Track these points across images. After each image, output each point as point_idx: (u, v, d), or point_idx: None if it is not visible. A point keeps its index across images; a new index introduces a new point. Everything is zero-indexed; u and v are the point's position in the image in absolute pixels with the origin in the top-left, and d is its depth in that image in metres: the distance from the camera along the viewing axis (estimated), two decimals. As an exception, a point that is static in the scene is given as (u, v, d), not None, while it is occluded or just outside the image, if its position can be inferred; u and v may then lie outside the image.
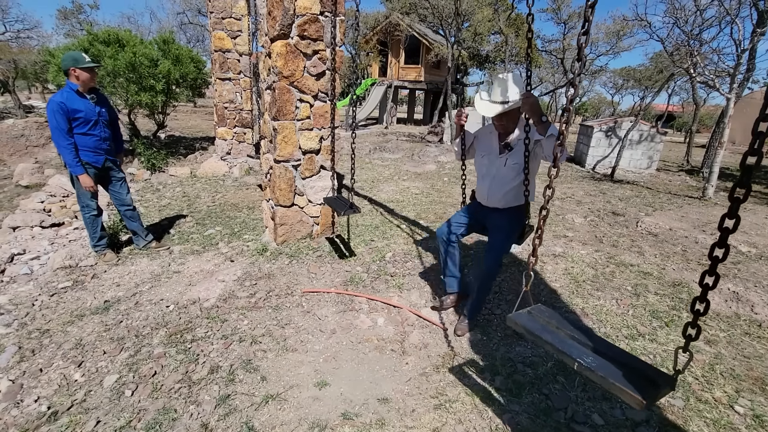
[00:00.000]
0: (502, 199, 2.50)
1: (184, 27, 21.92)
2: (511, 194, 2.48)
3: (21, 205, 5.15)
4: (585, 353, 1.33)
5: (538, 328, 1.46)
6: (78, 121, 3.21)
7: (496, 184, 2.50)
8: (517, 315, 1.55)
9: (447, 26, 12.81)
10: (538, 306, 1.62)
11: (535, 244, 1.57)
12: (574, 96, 1.44)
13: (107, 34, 6.41)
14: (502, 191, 2.49)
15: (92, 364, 2.31)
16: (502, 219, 2.53)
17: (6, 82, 14.26)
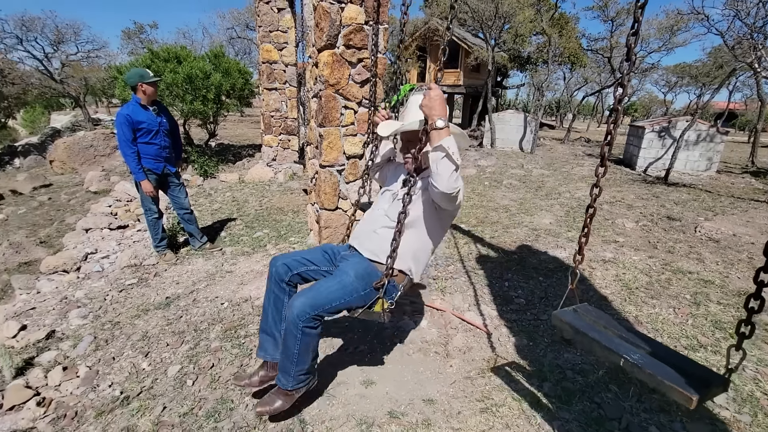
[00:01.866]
0: (369, 242, 1.87)
1: (233, 41, 23.14)
2: (380, 239, 1.82)
3: (92, 209, 5.65)
4: (632, 350, 1.30)
5: (583, 326, 1.44)
6: (141, 132, 3.50)
7: (373, 221, 1.92)
8: (562, 312, 1.54)
9: (487, 29, 12.67)
10: (584, 305, 1.59)
11: (581, 242, 1.55)
12: (623, 96, 1.40)
13: (166, 52, 6.93)
14: (373, 229, 1.87)
15: (157, 354, 2.51)
16: (353, 266, 1.79)
17: (78, 97, 15.69)
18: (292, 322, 1.65)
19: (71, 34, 16.49)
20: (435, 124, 1.55)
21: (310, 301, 1.65)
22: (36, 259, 4.41)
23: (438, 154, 1.52)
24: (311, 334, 1.69)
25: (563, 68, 20.29)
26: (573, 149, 12.41)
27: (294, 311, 1.64)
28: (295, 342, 1.68)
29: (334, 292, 1.69)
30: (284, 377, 1.78)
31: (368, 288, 1.74)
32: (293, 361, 1.72)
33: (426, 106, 1.60)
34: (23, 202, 7.53)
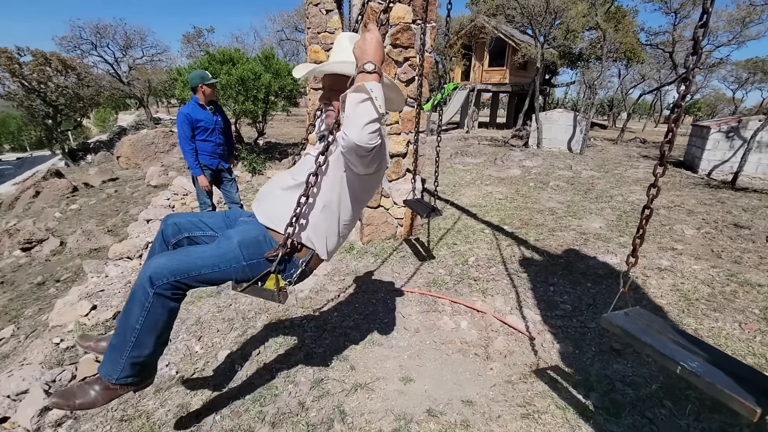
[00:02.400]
0: (264, 203, 1.56)
1: (282, 43, 24.00)
2: (279, 200, 1.51)
3: (152, 201, 6.09)
4: (690, 358, 1.23)
5: (636, 329, 1.37)
6: (199, 129, 3.73)
7: (276, 180, 1.61)
8: (613, 315, 1.47)
9: (536, 25, 12.25)
10: (636, 308, 1.52)
11: (635, 243, 1.48)
12: (686, 92, 1.31)
13: (222, 54, 7.32)
14: (273, 191, 1.56)
15: (209, 339, 2.66)
16: (240, 232, 1.48)
17: (142, 98, 16.94)
18: (141, 285, 1.32)
19: (138, 40, 17.84)
20: (364, 66, 1.24)
21: (173, 264, 1.34)
22: (104, 245, 4.83)
23: (358, 96, 1.20)
24: (165, 305, 1.35)
25: (618, 65, 19.16)
26: (627, 150, 11.71)
27: (148, 271, 1.32)
28: (140, 311, 1.32)
29: (208, 258, 1.39)
30: (111, 362, 1.38)
31: (255, 258, 1.43)
32: (130, 340, 1.34)
33: (359, 48, 1.27)
34: (94, 194, 8.25)
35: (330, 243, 1.56)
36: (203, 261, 1.37)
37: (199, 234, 1.62)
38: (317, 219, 1.49)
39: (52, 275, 4.52)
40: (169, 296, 1.35)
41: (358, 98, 1.20)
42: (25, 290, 4.36)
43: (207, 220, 1.65)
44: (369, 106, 1.20)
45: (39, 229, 5.82)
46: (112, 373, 1.37)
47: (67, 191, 8.49)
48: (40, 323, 3.38)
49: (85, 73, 15.49)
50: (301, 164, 1.57)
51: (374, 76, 1.24)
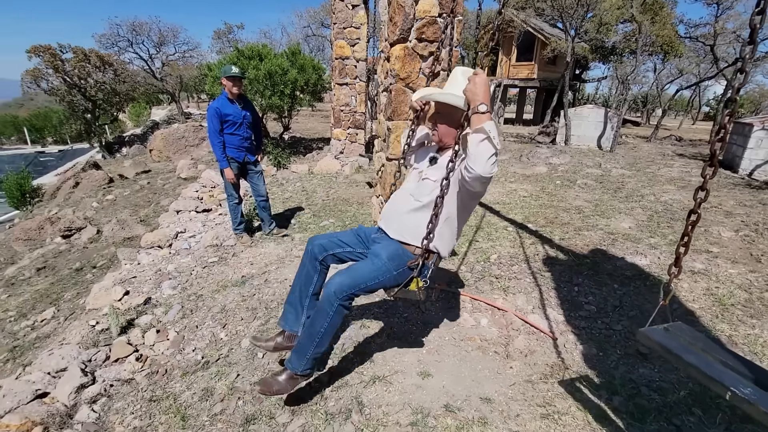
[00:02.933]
0: (394, 223, 1.89)
1: (308, 39, 24.20)
2: (408, 220, 1.84)
3: (182, 193, 6.29)
4: (741, 382, 1.12)
5: (678, 347, 1.27)
6: (227, 123, 3.82)
7: (398, 202, 1.92)
8: (652, 330, 1.37)
9: (567, 18, 11.87)
10: (677, 324, 1.41)
11: (679, 252, 1.39)
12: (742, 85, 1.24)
13: (250, 50, 7.46)
14: (400, 211, 1.88)
15: (233, 327, 2.75)
16: (384, 248, 1.84)
17: (174, 93, 17.48)
18: (327, 299, 1.71)
19: (171, 37, 18.40)
20: (477, 108, 1.52)
21: (347, 280, 1.72)
22: (137, 234, 5.04)
23: (479, 136, 1.50)
24: (342, 313, 1.76)
25: (654, 59, 18.33)
26: (661, 148, 11.23)
27: (332, 288, 1.71)
28: (324, 319, 1.74)
29: (368, 273, 1.76)
30: (297, 359, 1.83)
31: (401, 268, 1.80)
32: (315, 341, 1.78)
33: (470, 91, 1.55)
34: (128, 185, 8.61)
35: (451, 244, 1.92)
36: (367, 276, 1.76)
37: (339, 251, 2.01)
38: (442, 229, 1.81)
39: (89, 261, 4.76)
40: (345, 305, 1.76)
41: (478, 138, 1.50)
42: (64, 275, 4.62)
43: (342, 237, 2.04)
44: (488, 144, 1.49)
45: (78, 218, 6.13)
46: (298, 367, 1.83)
47: (104, 182, 8.90)
48: (78, 306, 3.58)
49: (122, 69, 16.13)
50: (421, 187, 1.86)
51: (487, 116, 1.52)
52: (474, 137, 1.51)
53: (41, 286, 4.52)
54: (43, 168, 15.63)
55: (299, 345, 1.84)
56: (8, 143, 23.69)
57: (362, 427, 1.87)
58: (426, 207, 1.79)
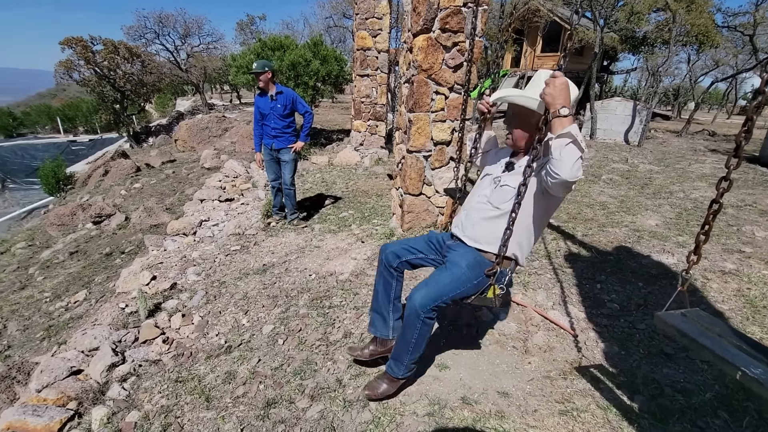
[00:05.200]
0: (472, 230, 1.87)
1: (330, 30, 24.18)
2: (486, 228, 1.82)
3: (206, 183, 6.44)
4: (753, 364, 1.13)
5: (694, 331, 1.27)
6: (261, 114, 4.18)
7: (475, 209, 1.90)
8: (668, 315, 1.37)
9: (597, 7, 11.45)
10: (695, 310, 1.40)
11: (698, 240, 1.37)
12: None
13: (273, 41, 7.52)
14: (477, 218, 1.86)
15: (255, 313, 2.82)
16: (462, 257, 1.83)
17: (198, 84, 17.80)
18: (413, 314, 1.74)
19: (196, 28, 18.70)
20: (559, 112, 1.47)
21: (430, 293, 1.73)
22: (163, 222, 5.20)
23: (564, 140, 1.45)
24: (430, 324, 1.79)
25: (688, 49, 17.53)
26: (692, 143, 10.79)
27: (416, 303, 1.71)
28: (413, 332, 1.78)
29: (451, 283, 1.75)
30: (396, 366, 1.90)
31: (480, 276, 1.78)
32: (409, 350, 1.83)
33: (549, 95, 1.50)
34: (154, 174, 8.87)
35: (528, 250, 1.89)
36: (450, 286, 1.75)
37: (412, 257, 2.03)
38: (520, 236, 1.79)
39: (118, 247, 4.95)
40: (431, 317, 1.77)
41: (563, 142, 1.45)
42: (95, 259, 4.82)
43: (414, 245, 2.06)
44: (573, 147, 1.44)
45: (107, 205, 6.37)
46: (398, 372, 1.91)
47: (132, 171, 9.19)
48: (108, 289, 3.74)
49: (149, 60, 16.51)
50: (500, 194, 1.81)
51: (570, 119, 1.47)
52: (558, 141, 1.46)
53: (74, 270, 4.73)
54: (74, 156, 16.25)
55: (396, 354, 1.90)
56: (43, 132, 24.70)
57: (380, 416, 1.90)
58: (505, 214, 1.75)
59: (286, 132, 4.23)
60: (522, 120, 1.77)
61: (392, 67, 9.42)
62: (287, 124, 4.21)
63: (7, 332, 3.68)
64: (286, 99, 4.14)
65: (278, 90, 4.09)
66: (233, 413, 1.98)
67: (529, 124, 1.75)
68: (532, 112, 1.71)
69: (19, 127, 25.37)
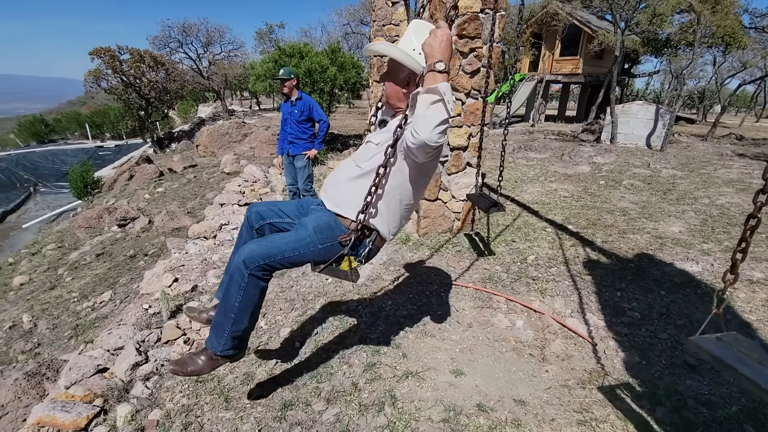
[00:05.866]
0: (333, 192, 1.68)
1: (347, 36, 24.48)
2: (346, 189, 1.63)
3: (226, 187, 6.59)
4: None
5: (732, 358, 1.19)
6: (282, 119, 4.37)
7: (341, 168, 1.72)
8: (703, 339, 1.28)
9: (618, 10, 11.28)
10: (732, 334, 1.31)
11: (736, 258, 1.29)
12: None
13: (291, 48, 7.67)
14: (340, 179, 1.68)
15: (272, 316, 2.87)
16: (313, 219, 1.64)
17: (219, 91, 18.26)
18: (237, 268, 1.53)
19: (217, 37, 19.21)
20: (435, 65, 1.30)
21: (261, 249, 1.54)
22: (184, 225, 5.35)
23: (431, 97, 1.28)
24: (257, 285, 1.57)
25: (714, 51, 17.03)
26: (718, 148, 10.45)
27: (242, 256, 1.52)
28: (238, 291, 1.54)
29: (289, 243, 1.57)
30: (216, 337, 1.62)
31: (329, 242, 1.59)
32: (230, 317, 1.57)
33: (428, 45, 1.33)
34: (176, 179, 9.12)
35: (392, 225, 1.69)
36: (285, 246, 1.56)
37: (277, 221, 1.81)
38: (382, 205, 1.61)
39: (142, 249, 5.11)
40: (260, 276, 1.56)
41: (430, 99, 1.28)
42: (120, 261, 4.98)
43: (284, 207, 1.85)
44: (440, 107, 1.28)
45: (132, 209, 6.58)
46: (217, 346, 1.62)
47: (155, 176, 9.47)
48: (132, 291, 3.86)
49: (172, 68, 17.05)
50: (363, 151, 1.66)
51: (444, 76, 1.30)
52: (425, 98, 1.29)
53: (100, 271, 4.90)
54: (101, 161, 16.85)
55: (217, 321, 1.63)
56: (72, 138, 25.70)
57: (395, 420, 1.91)
58: (366, 175, 1.57)
59: (301, 138, 4.35)
60: (392, 74, 1.58)
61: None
62: (303, 130, 4.32)
63: (37, 330, 3.84)
64: (303, 105, 4.25)
65: (298, 96, 4.22)
66: (251, 414, 2.01)
67: (398, 79, 1.57)
68: (401, 66, 1.53)
69: (50, 133, 26.47)
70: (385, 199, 1.60)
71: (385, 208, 1.62)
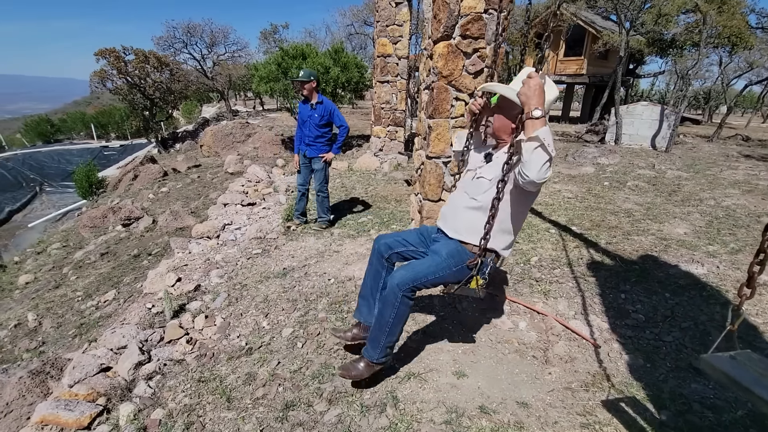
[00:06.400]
0: (453, 222, 1.97)
1: (351, 37, 24.49)
2: (464, 219, 1.92)
3: (229, 187, 6.61)
4: None
5: (748, 378, 1.13)
6: (302, 120, 4.38)
7: (456, 202, 2.00)
8: (716, 358, 1.22)
9: (623, 10, 11.22)
10: (746, 352, 1.25)
11: (753, 271, 1.23)
12: None
13: (294, 49, 7.68)
14: (457, 210, 1.96)
15: (275, 316, 2.87)
16: (444, 246, 1.94)
17: (223, 92, 18.31)
18: (392, 291, 1.84)
19: (222, 37, 19.25)
20: (532, 113, 1.54)
21: (409, 274, 1.84)
22: (188, 225, 5.36)
23: (532, 144, 1.53)
24: (407, 303, 1.88)
25: (720, 51, 16.91)
26: (724, 149, 10.37)
27: (395, 281, 1.83)
28: (392, 310, 1.86)
29: (429, 268, 1.87)
30: (372, 348, 1.96)
31: (459, 265, 1.87)
32: (385, 331, 1.90)
33: (524, 95, 1.58)
34: (180, 179, 9.15)
35: (508, 243, 1.98)
36: (427, 270, 1.87)
37: (403, 249, 2.15)
38: (498, 230, 1.88)
39: (146, 249, 5.13)
40: (409, 297, 1.88)
41: (532, 146, 1.54)
42: (124, 260, 5.00)
43: (407, 237, 2.18)
44: (541, 151, 1.54)
45: (136, 208, 6.61)
46: (373, 355, 1.97)
47: (159, 175, 9.51)
48: (136, 290, 3.87)
49: (177, 69, 17.09)
50: (476, 186, 1.93)
51: (542, 121, 1.55)
52: (528, 145, 1.55)
53: (104, 270, 4.93)
54: (106, 161, 16.94)
55: (373, 335, 1.97)
56: (78, 138, 25.87)
57: (396, 422, 1.91)
58: (482, 207, 1.85)
59: (319, 141, 4.38)
60: (505, 111, 1.84)
61: (412, 73, 9.46)
62: (321, 134, 4.35)
63: (42, 329, 3.86)
64: (324, 110, 4.28)
65: (319, 100, 4.23)
66: (253, 414, 2.01)
67: (510, 114, 1.81)
68: (514, 104, 1.74)
69: (56, 133, 26.66)
70: (501, 224, 1.87)
71: (500, 232, 1.89)
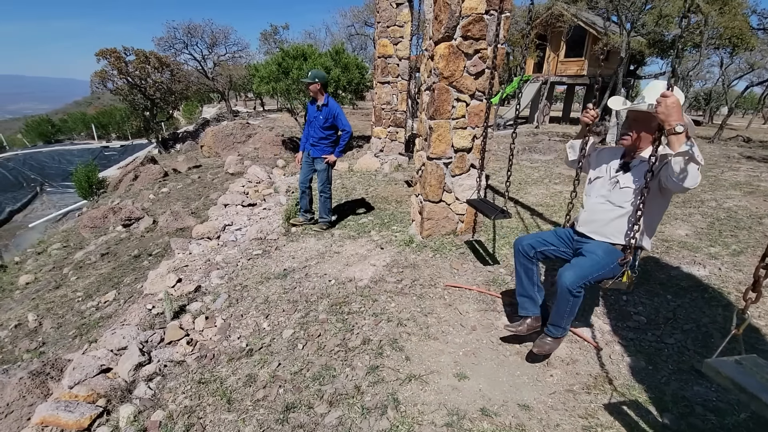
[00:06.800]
0: (601, 229, 2.19)
1: (351, 38, 24.51)
2: (612, 225, 2.15)
3: (229, 188, 6.60)
4: None
5: (753, 384, 1.12)
6: (308, 120, 4.44)
7: (597, 210, 2.21)
8: (721, 362, 1.21)
9: (623, 11, 11.22)
10: (752, 357, 1.24)
11: (758, 275, 1.22)
12: None
13: (295, 50, 7.68)
14: (602, 219, 2.18)
15: (275, 317, 2.86)
16: (597, 246, 2.16)
17: (223, 92, 18.32)
18: (565, 290, 2.06)
19: (222, 38, 19.29)
20: (674, 129, 1.70)
21: (576, 274, 2.04)
22: (188, 226, 5.36)
23: (683, 158, 1.71)
24: (579, 296, 2.09)
25: (721, 52, 16.91)
26: (725, 150, 10.36)
27: (566, 283, 2.03)
28: (567, 304, 2.09)
29: (592, 266, 2.07)
30: (555, 329, 2.20)
31: (613, 263, 2.08)
32: (564, 317, 2.15)
33: (663, 113, 1.74)
34: (180, 179, 9.15)
35: (651, 238, 2.22)
36: (591, 269, 2.07)
37: (545, 249, 2.36)
38: (644, 228, 2.11)
39: (146, 249, 5.12)
40: (580, 292, 2.07)
41: (683, 160, 1.72)
42: (124, 261, 5.00)
43: (546, 238, 2.40)
44: (693, 163, 1.71)
45: (137, 209, 6.61)
46: (557, 333, 2.20)
47: (159, 176, 9.51)
48: (136, 290, 3.86)
49: (177, 69, 17.12)
50: (622, 195, 2.13)
51: (684, 135, 1.71)
52: (678, 159, 1.73)
53: (104, 270, 4.92)
54: (107, 162, 16.93)
55: (555, 321, 2.18)
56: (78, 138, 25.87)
57: (397, 424, 1.90)
58: (628, 212, 2.08)
59: (323, 142, 4.39)
60: (644, 123, 2.05)
61: (413, 74, 9.46)
62: (326, 136, 4.36)
63: (42, 329, 3.85)
64: (328, 113, 4.28)
65: (325, 102, 4.23)
66: (253, 416, 2.01)
67: (649, 126, 2.03)
68: (651, 116, 1.93)
69: (57, 133, 26.66)
70: (647, 224, 2.12)
71: (647, 229, 2.15)
